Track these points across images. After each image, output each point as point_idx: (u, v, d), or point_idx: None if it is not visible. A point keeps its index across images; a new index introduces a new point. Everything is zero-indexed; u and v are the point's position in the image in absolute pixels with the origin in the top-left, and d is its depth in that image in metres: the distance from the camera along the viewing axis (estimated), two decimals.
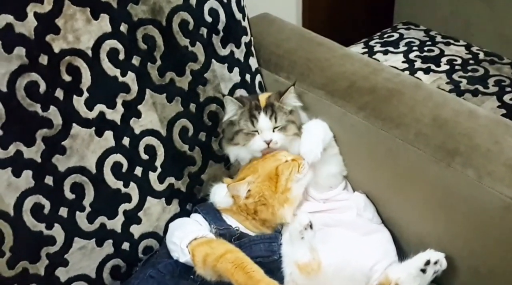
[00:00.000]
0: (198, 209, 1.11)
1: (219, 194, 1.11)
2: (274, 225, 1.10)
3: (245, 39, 1.26)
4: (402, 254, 1.10)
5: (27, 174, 1.00)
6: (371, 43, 1.91)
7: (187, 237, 1.02)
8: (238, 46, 1.24)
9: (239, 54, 1.25)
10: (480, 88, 1.57)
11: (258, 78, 1.31)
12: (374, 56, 1.79)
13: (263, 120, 1.12)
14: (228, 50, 1.22)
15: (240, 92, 1.27)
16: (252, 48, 1.30)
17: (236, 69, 1.24)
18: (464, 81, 1.60)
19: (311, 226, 1.01)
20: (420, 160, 1.05)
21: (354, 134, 1.17)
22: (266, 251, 1.04)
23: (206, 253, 0.98)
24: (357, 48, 1.90)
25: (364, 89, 1.17)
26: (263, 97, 1.18)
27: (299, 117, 1.18)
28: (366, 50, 1.87)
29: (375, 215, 1.17)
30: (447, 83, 1.60)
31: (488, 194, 0.95)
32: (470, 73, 1.62)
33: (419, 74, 1.64)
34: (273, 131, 1.13)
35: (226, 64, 1.22)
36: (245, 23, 1.26)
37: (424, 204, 1.10)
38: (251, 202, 1.07)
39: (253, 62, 1.29)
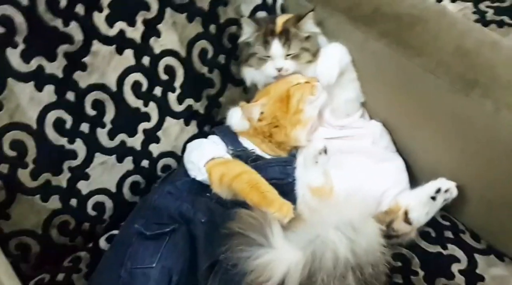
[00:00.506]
0: (216, 130, 1.13)
1: (236, 117, 1.13)
2: (289, 147, 1.12)
3: None
4: (415, 182, 1.11)
5: (49, 89, 1.02)
6: None
7: (205, 157, 1.04)
8: None
9: None
10: (506, 19, 1.53)
11: (280, 0, 1.28)
12: None
13: (276, 47, 1.11)
14: None
15: (262, 14, 1.25)
16: None
17: None
18: (491, 11, 1.56)
19: (325, 151, 1.02)
20: (439, 89, 1.04)
21: (374, 61, 1.16)
22: (280, 174, 1.06)
23: (223, 173, 1.01)
24: None
25: (388, 15, 1.14)
26: (281, 20, 1.15)
27: (315, 43, 1.16)
28: None
29: (390, 144, 1.18)
30: (473, 12, 1.56)
31: (504, 126, 0.95)
32: (497, 3, 1.57)
33: (445, 2, 1.59)
34: (285, 58, 1.12)
35: None
36: None
37: (440, 133, 1.10)
38: (265, 124, 1.09)
39: None
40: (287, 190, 1.05)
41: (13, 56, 0.96)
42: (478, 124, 1.01)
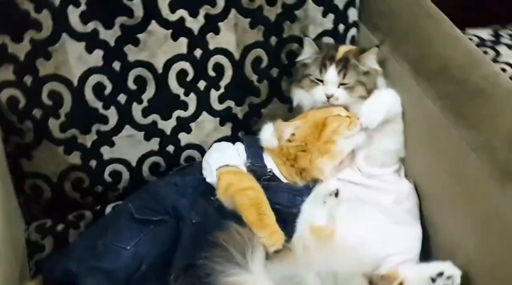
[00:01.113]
0: (244, 139, 1.12)
1: (267, 132, 1.11)
2: (310, 178, 1.09)
3: None
4: (429, 255, 1.08)
5: (98, 53, 1.06)
6: (502, 31, 1.73)
7: (220, 162, 1.04)
8: None
9: (339, 1, 1.19)
10: None
11: (353, 31, 1.25)
12: (496, 46, 1.62)
13: (331, 73, 1.08)
14: None
15: (328, 40, 1.22)
16: None
17: (331, 16, 1.19)
18: None
19: (336, 194, 0.99)
20: (477, 171, 0.97)
21: (423, 121, 1.10)
22: (287, 201, 1.04)
23: (231, 182, 1.00)
24: (483, 33, 1.74)
25: (454, 78, 1.08)
26: (344, 49, 1.13)
27: (373, 81, 1.12)
28: (493, 38, 1.71)
29: (415, 209, 1.12)
30: None
31: None
32: None
33: None
34: (338, 86, 1.09)
35: (321, 8, 1.18)
36: None
37: (467, 216, 1.03)
38: (293, 146, 1.07)
39: (352, 14, 1.23)
40: (288, 219, 1.03)
41: (73, 14, 1.01)
42: (508, 222, 0.93)
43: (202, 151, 1.23)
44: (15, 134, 1.09)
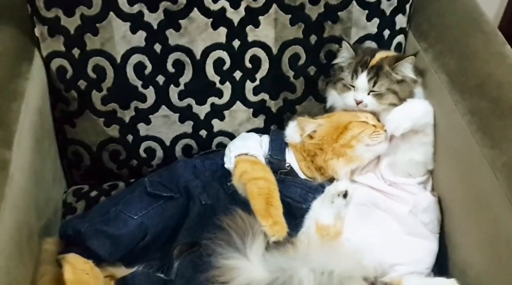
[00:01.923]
0: (272, 132, 1.15)
1: (292, 127, 1.14)
2: (327, 175, 1.10)
3: None
4: (444, 272, 1.06)
5: (141, 34, 1.12)
6: None
7: (240, 150, 1.08)
8: None
9: (387, 6, 1.18)
10: None
11: (399, 38, 1.24)
12: None
13: (362, 79, 1.09)
14: None
15: (371, 44, 1.21)
16: (407, 6, 1.21)
17: (376, 20, 1.19)
18: None
19: (344, 195, 0.99)
20: (494, 191, 0.94)
21: (452, 135, 1.08)
22: (299, 197, 1.05)
23: (246, 170, 1.04)
24: None
25: (488, 95, 1.04)
26: (380, 55, 1.12)
27: (408, 89, 1.11)
28: None
29: (434, 223, 1.10)
30: None
31: None
32: None
33: None
34: (369, 93, 1.08)
35: (366, 11, 1.17)
36: None
37: (480, 236, 1.00)
38: (312, 143, 1.09)
39: (400, 20, 1.21)
40: (298, 214, 1.05)
41: None
42: None
43: (234, 139, 1.27)
44: (61, 101, 1.18)
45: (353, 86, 1.11)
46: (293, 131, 1.13)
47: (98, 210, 1.01)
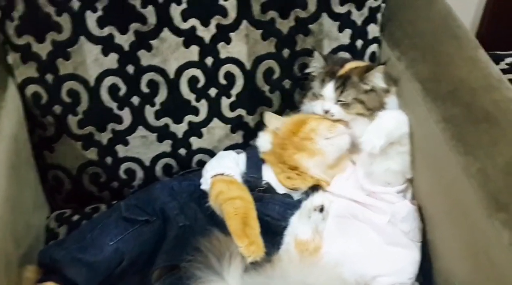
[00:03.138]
0: (246, 150, 1.15)
1: (262, 137, 1.15)
2: (307, 178, 1.10)
3: (371, 3, 1.18)
4: (429, 282, 1.06)
5: (113, 56, 1.13)
6: None
7: (216, 170, 1.07)
8: (359, 8, 1.18)
9: (357, 17, 1.18)
10: None
11: (373, 47, 1.24)
12: None
13: (329, 89, 1.09)
14: (346, 9, 1.17)
15: (344, 55, 1.22)
16: (379, 15, 1.21)
17: (348, 31, 1.19)
18: None
19: (321, 210, 0.99)
20: (469, 199, 0.93)
21: (427, 143, 1.07)
22: (277, 214, 1.05)
23: (221, 190, 1.03)
24: None
25: (461, 101, 1.04)
26: (350, 65, 1.11)
27: (378, 100, 1.10)
28: None
29: (414, 232, 1.09)
30: None
31: (511, 266, 0.82)
32: None
33: None
34: (336, 103, 1.09)
35: (338, 22, 1.18)
36: None
37: (461, 244, 0.99)
38: (277, 143, 1.10)
39: (372, 30, 1.21)
40: (277, 231, 1.03)
41: (91, 19, 1.08)
42: (492, 253, 0.89)
43: (214, 156, 1.26)
44: (38, 127, 1.18)
45: (322, 95, 1.10)
46: (263, 140, 1.14)
47: (75, 237, 1.01)
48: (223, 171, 1.06)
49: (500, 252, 0.86)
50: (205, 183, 1.06)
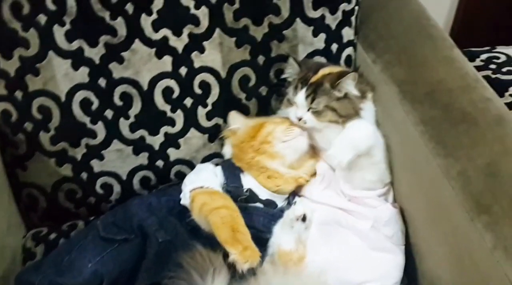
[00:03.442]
0: (221, 164, 1.13)
1: (227, 145, 1.14)
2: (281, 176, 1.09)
3: (345, 6, 1.17)
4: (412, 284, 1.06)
5: (84, 70, 1.09)
6: None
7: (195, 183, 1.04)
8: (333, 12, 1.16)
9: (331, 21, 1.17)
10: None
11: (348, 51, 1.23)
12: None
13: (300, 97, 1.07)
14: (319, 13, 1.16)
15: (320, 60, 1.20)
16: (353, 19, 1.20)
17: (322, 35, 1.18)
18: None
19: (303, 219, 0.97)
20: (450, 201, 0.93)
21: (406, 146, 1.07)
22: (262, 226, 1.03)
23: (205, 202, 1.00)
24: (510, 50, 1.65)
25: (439, 103, 1.04)
26: (323, 71, 1.10)
27: (351, 106, 1.09)
28: None
29: (397, 235, 1.08)
30: None
31: (494, 269, 0.82)
32: None
33: None
34: (308, 110, 1.07)
35: (312, 27, 1.16)
36: None
37: (445, 247, 0.99)
38: (236, 145, 1.11)
39: (347, 33, 1.20)
40: (262, 244, 1.01)
41: (58, 33, 1.05)
42: (475, 256, 0.88)
43: (192, 166, 1.24)
44: (10, 145, 1.14)
45: (295, 102, 1.09)
46: (227, 148, 1.15)
47: (52, 259, 0.98)
48: (202, 184, 1.03)
49: (483, 255, 0.85)
50: (185, 197, 1.03)
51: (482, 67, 1.56)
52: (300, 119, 1.08)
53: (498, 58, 1.62)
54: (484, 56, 1.61)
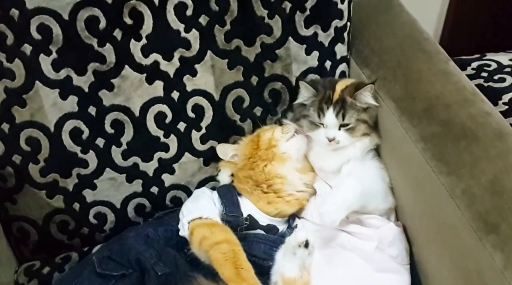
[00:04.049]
0: (218, 190, 1.10)
1: (223, 171, 1.12)
2: (289, 200, 1.08)
3: (337, 23, 1.15)
4: None
5: (73, 99, 1.06)
6: None
7: (193, 214, 1.01)
8: (325, 29, 1.14)
9: (324, 38, 1.15)
10: None
11: (342, 67, 1.21)
12: None
13: (330, 116, 1.06)
14: (312, 31, 1.14)
15: (313, 77, 1.18)
16: (345, 35, 1.18)
17: (316, 53, 1.16)
18: None
19: (306, 245, 0.94)
20: (456, 220, 0.91)
21: (407, 163, 1.05)
22: (264, 253, 1.00)
23: (204, 235, 0.97)
24: (504, 57, 1.65)
25: (438, 119, 1.02)
26: (340, 87, 1.09)
27: (375, 114, 1.10)
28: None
29: (402, 254, 1.06)
30: None
31: None
32: None
33: None
34: (339, 128, 1.06)
35: (304, 45, 1.14)
36: (342, 6, 1.14)
37: (451, 267, 0.96)
38: (242, 168, 1.09)
39: (340, 50, 1.18)
40: (263, 272, 0.99)
41: (45, 62, 1.01)
42: (485, 276, 0.86)
43: (188, 191, 1.22)
44: None
45: (322, 124, 1.07)
46: (223, 175, 1.13)
47: None
48: (201, 215, 1.00)
49: (494, 276, 0.83)
50: (183, 229, 1.00)
51: (474, 76, 1.55)
52: (331, 140, 1.05)
53: (489, 65, 1.61)
54: (475, 64, 1.60)
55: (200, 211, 1.00)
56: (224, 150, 1.13)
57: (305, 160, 1.12)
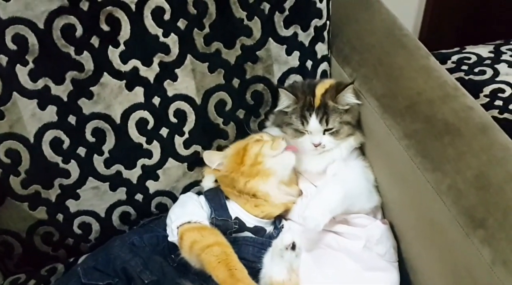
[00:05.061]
0: (205, 194, 1.08)
1: (207, 178, 1.11)
2: (274, 204, 1.07)
3: (316, 22, 1.14)
4: None
5: (52, 109, 1.04)
6: (504, 48, 1.64)
7: (181, 219, 1.00)
8: (304, 29, 1.14)
9: (304, 37, 1.14)
10: None
11: (323, 66, 1.20)
12: (496, 65, 1.54)
13: (314, 123, 1.05)
14: (291, 31, 1.13)
15: (295, 77, 1.18)
16: (325, 33, 1.18)
17: (296, 53, 1.15)
18: None
19: (293, 247, 0.94)
20: (442, 217, 0.91)
21: (392, 161, 1.04)
22: (252, 256, 0.99)
23: (195, 239, 0.96)
24: (483, 50, 1.66)
25: (421, 115, 1.02)
26: (320, 91, 1.08)
27: (357, 113, 1.10)
28: (492, 55, 1.62)
29: (390, 252, 1.06)
30: None
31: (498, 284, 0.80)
32: None
33: None
34: (324, 133, 1.06)
35: (284, 46, 1.13)
36: (321, 5, 1.14)
37: (439, 263, 0.96)
38: (226, 176, 1.07)
39: (320, 49, 1.18)
40: (252, 275, 0.97)
41: (21, 72, 0.99)
42: (472, 271, 0.86)
43: (173, 197, 1.20)
44: None
45: (307, 131, 1.07)
46: (207, 181, 1.12)
47: None
48: (189, 219, 0.99)
49: (482, 271, 0.83)
50: (172, 234, 0.99)
51: (455, 69, 1.55)
52: (317, 146, 1.05)
53: (469, 58, 1.62)
54: (455, 58, 1.61)
55: (188, 215, 0.99)
56: (210, 158, 1.10)
57: (292, 172, 1.10)
